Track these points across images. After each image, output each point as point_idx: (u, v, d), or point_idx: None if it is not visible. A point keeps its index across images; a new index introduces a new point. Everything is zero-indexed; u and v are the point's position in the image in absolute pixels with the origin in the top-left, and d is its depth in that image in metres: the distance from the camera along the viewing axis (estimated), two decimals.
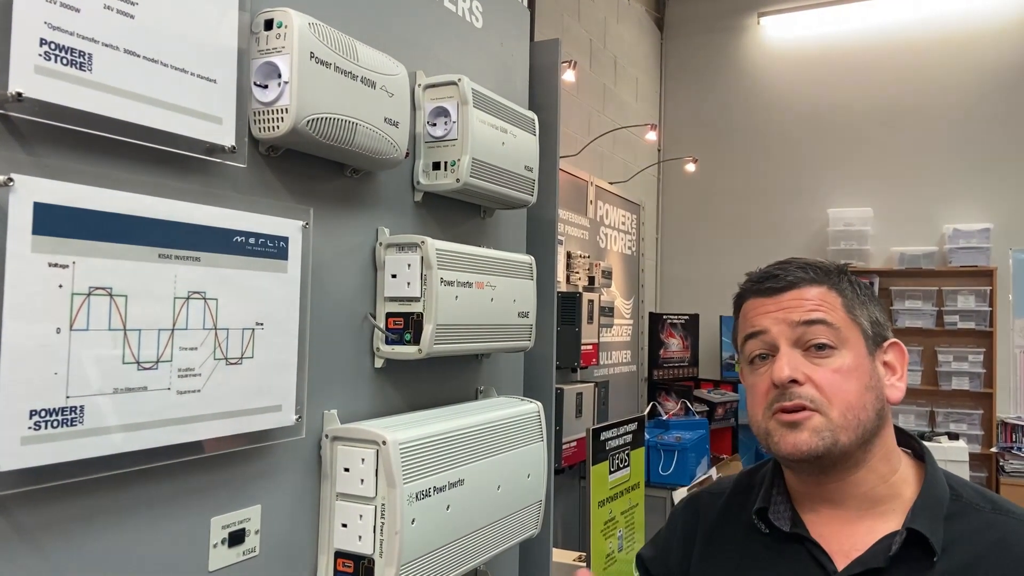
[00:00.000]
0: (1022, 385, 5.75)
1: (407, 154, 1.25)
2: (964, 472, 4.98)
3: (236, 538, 1.01)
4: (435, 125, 1.34)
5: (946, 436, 5.35)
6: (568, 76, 4.40)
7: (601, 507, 2.99)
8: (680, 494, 4.18)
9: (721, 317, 6.36)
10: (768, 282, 1.00)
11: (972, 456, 5.33)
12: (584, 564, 2.84)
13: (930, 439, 5.24)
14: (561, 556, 2.88)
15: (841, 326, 0.96)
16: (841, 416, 0.93)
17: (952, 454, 5.00)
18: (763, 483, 1.07)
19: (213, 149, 0.94)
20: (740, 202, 6.72)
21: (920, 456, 1.03)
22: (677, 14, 7.12)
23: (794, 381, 0.94)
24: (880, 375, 0.98)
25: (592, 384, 3.91)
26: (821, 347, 0.95)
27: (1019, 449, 5.44)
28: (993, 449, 5.58)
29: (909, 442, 1.05)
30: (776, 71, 6.70)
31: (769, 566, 1.01)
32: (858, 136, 6.35)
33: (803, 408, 0.94)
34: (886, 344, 1.01)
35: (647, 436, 3.96)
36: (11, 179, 0.72)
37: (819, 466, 0.96)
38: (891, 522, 0.96)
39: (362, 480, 1.10)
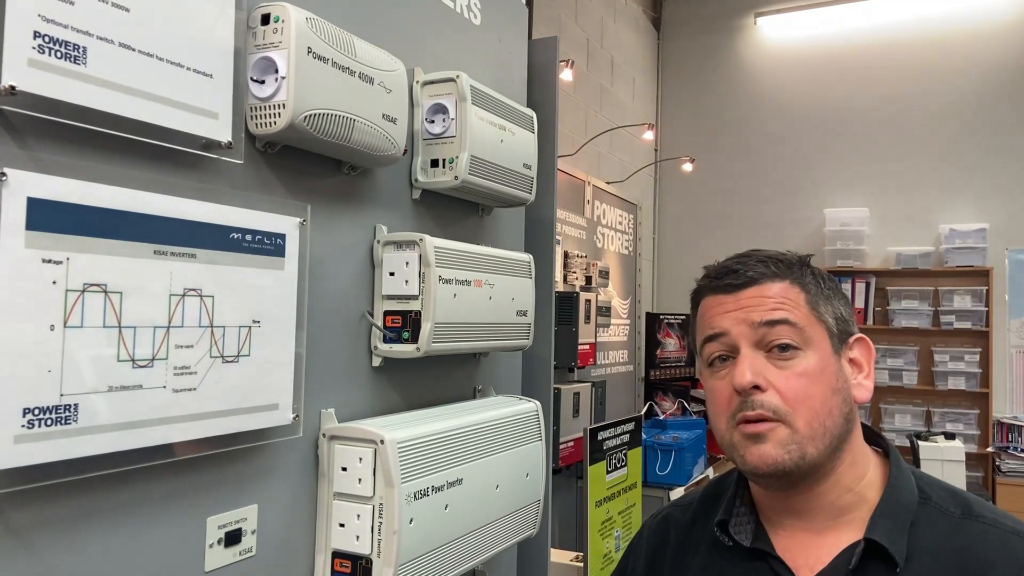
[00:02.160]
0: (1018, 385, 5.76)
1: (405, 151, 1.23)
2: (960, 472, 4.98)
3: (232, 538, 1.00)
4: (433, 122, 1.33)
5: (942, 436, 5.35)
6: (565, 76, 4.39)
7: (598, 507, 2.98)
8: (677, 494, 4.18)
9: None
10: (727, 278, 0.94)
11: (968, 456, 5.33)
12: (581, 564, 2.83)
13: (926, 439, 5.24)
14: (558, 556, 2.87)
15: (805, 325, 0.91)
16: (807, 426, 0.88)
17: (948, 454, 5.00)
18: (728, 493, 1.01)
19: (209, 145, 0.93)
20: (737, 202, 6.72)
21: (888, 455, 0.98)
22: (674, 14, 7.12)
23: (756, 387, 0.89)
24: (847, 375, 0.93)
25: (589, 384, 3.90)
26: (784, 348, 0.90)
27: (1015, 449, 5.44)
28: (989, 449, 5.59)
29: (877, 440, 0.99)
30: (773, 71, 6.70)
31: None
32: (855, 136, 6.35)
33: (766, 419, 0.88)
34: (852, 340, 0.95)
35: (644, 436, 3.95)
36: (4, 174, 0.71)
37: (787, 481, 0.91)
38: (856, 531, 0.90)
39: (360, 479, 1.09)
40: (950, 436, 5.41)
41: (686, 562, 1.02)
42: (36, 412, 0.74)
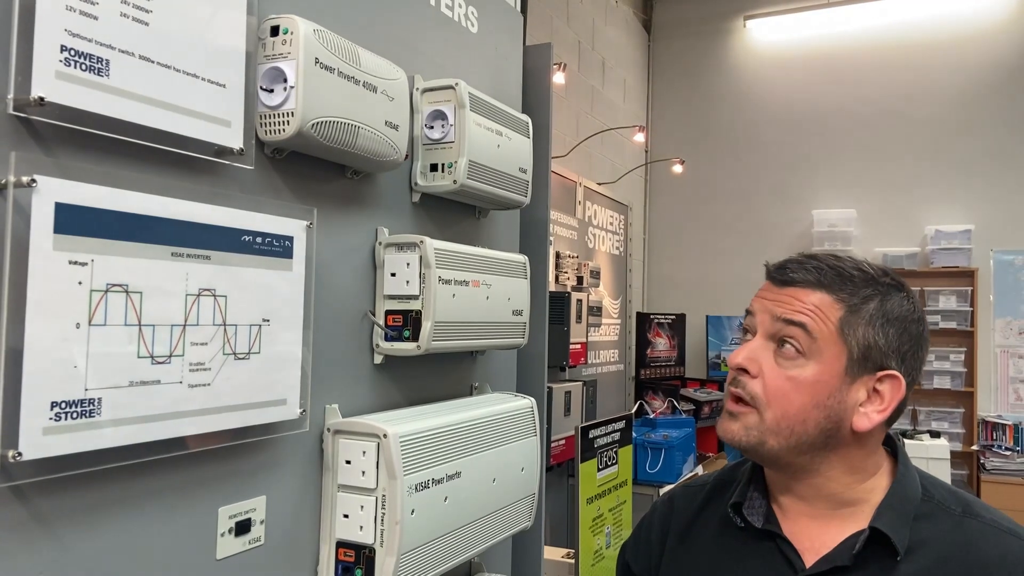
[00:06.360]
0: (1002, 384, 5.85)
1: (406, 156, 1.28)
2: (946, 470, 5.06)
3: (242, 528, 1.04)
4: (432, 128, 1.37)
5: (928, 434, 5.43)
6: (557, 79, 4.44)
7: (589, 504, 3.02)
8: (667, 491, 4.23)
9: (707, 317, 6.43)
10: (777, 271, 1.00)
11: (953, 454, 5.42)
12: (573, 561, 2.88)
13: (912, 437, 5.32)
14: (550, 553, 2.91)
15: (821, 338, 0.93)
16: (775, 421, 0.94)
17: (934, 452, 5.09)
18: (743, 478, 1.08)
19: (222, 151, 0.97)
20: (726, 203, 6.79)
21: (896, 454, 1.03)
22: (664, 16, 7.18)
23: (745, 370, 0.96)
24: (848, 400, 0.94)
25: (580, 383, 3.95)
26: (790, 348, 0.95)
27: (999, 447, 5.53)
28: (974, 447, 5.67)
29: (889, 440, 1.04)
30: (762, 74, 6.77)
31: (740, 560, 1.02)
32: (842, 138, 6.43)
33: (743, 402, 0.97)
34: (881, 373, 0.95)
35: (634, 434, 4.00)
36: (34, 180, 0.75)
37: (758, 458, 1.00)
38: (861, 521, 0.96)
39: (363, 472, 1.14)
40: (935, 434, 5.50)
41: (695, 539, 1.10)
42: (63, 406, 0.78)
